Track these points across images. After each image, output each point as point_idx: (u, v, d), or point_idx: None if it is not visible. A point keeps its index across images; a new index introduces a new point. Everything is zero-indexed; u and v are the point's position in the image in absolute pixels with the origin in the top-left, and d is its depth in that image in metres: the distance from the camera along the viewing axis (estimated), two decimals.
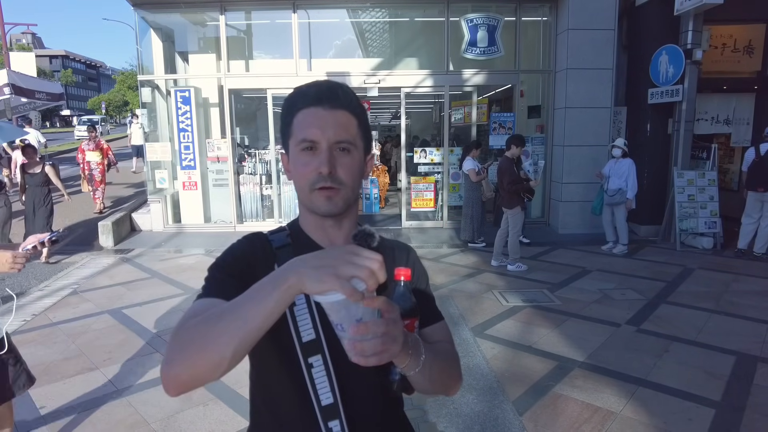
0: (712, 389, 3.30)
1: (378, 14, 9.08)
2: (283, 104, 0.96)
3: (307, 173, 0.91)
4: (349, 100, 0.93)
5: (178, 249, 7.42)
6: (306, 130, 0.90)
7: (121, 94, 56.45)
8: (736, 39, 8.29)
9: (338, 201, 0.93)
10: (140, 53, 8.72)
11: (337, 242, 1.00)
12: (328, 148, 0.89)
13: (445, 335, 1.05)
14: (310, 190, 0.92)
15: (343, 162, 0.91)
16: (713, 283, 5.59)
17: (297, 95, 0.93)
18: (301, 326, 0.90)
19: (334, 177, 0.90)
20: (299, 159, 0.92)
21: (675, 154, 7.53)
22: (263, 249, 0.97)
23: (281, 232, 1.02)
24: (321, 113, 0.90)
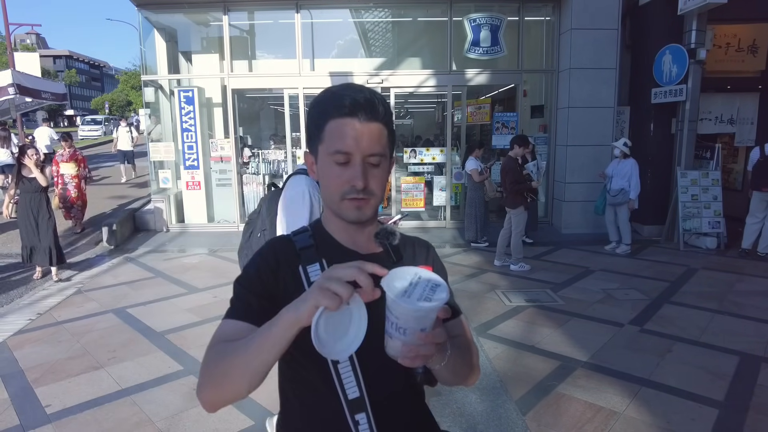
0: (716, 389, 3.30)
1: (381, 14, 9.08)
2: (314, 106, 0.97)
3: (339, 184, 0.94)
4: (384, 112, 0.95)
5: (181, 248, 7.44)
6: (340, 141, 0.92)
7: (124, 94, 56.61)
8: (740, 38, 8.25)
9: (368, 210, 0.97)
10: (144, 53, 8.76)
11: (360, 242, 1.03)
12: (362, 161, 0.92)
13: (464, 329, 1.08)
14: (340, 199, 0.95)
15: (375, 174, 0.94)
16: (717, 284, 5.58)
17: (331, 102, 0.94)
18: (345, 380, 0.93)
19: (366, 189, 0.93)
20: (331, 168, 0.94)
21: (678, 154, 7.52)
22: (286, 252, 0.99)
23: (304, 232, 1.04)
24: (356, 126, 0.91)
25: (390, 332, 0.75)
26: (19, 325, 4.57)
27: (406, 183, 8.57)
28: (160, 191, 8.53)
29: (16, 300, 5.36)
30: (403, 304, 0.70)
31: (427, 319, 0.73)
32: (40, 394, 3.32)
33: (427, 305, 0.70)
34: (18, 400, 3.26)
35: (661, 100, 7.58)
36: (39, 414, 3.09)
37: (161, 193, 8.51)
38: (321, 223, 1.06)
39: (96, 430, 2.92)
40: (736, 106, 8.38)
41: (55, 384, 3.46)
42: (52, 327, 4.51)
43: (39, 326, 4.54)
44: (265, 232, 2.43)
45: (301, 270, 0.97)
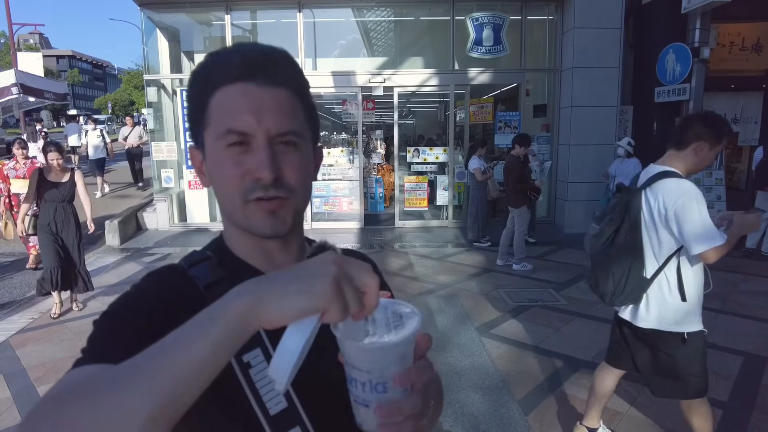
0: (720, 389, 3.28)
1: (383, 13, 9.08)
2: (191, 79, 0.69)
3: (236, 178, 0.64)
4: (293, 73, 0.68)
5: (184, 248, 7.45)
6: (233, 117, 0.63)
7: (127, 94, 56.86)
8: (744, 37, 8.22)
9: (287, 216, 0.67)
10: (146, 53, 8.77)
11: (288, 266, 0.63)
12: (268, 142, 0.63)
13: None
14: (243, 202, 0.65)
15: (291, 161, 0.65)
16: (720, 283, 5.52)
17: (214, 65, 0.66)
18: (263, 393, 0.63)
19: (280, 183, 0.64)
20: (224, 159, 0.65)
21: None
22: (182, 291, 0.66)
23: (204, 261, 0.71)
24: (254, 92, 0.63)
25: (362, 399, 0.52)
26: (21, 324, 4.59)
27: (409, 182, 8.56)
28: (163, 190, 8.54)
29: (19, 299, 5.37)
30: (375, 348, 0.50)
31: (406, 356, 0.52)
32: (42, 393, 3.32)
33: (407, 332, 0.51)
34: (20, 399, 3.27)
35: (664, 99, 7.55)
36: None
37: (164, 192, 8.52)
38: (223, 243, 0.75)
39: None
40: (740, 105, 8.35)
41: None
42: (55, 326, 4.52)
43: (41, 325, 4.55)
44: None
45: None
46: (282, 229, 0.67)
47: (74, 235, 4.81)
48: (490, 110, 8.74)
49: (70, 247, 4.77)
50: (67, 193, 4.74)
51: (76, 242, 4.83)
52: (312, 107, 0.72)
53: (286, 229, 0.68)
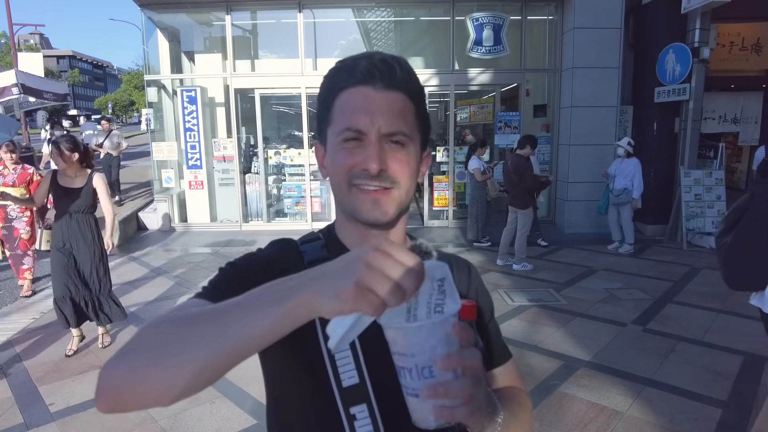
0: (719, 389, 3.28)
1: (383, 14, 9.08)
2: (322, 83, 0.77)
3: (347, 167, 0.71)
4: (408, 79, 0.73)
5: (184, 248, 7.46)
6: (351, 116, 0.71)
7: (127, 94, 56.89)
8: (744, 37, 8.24)
9: (389, 206, 0.72)
10: (146, 53, 8.78)
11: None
12: (378, 140, 0.70)
13: (515, 377, 0.87)
14: (349, 187, 0.72)
15: (397, 157, 0.72)
16: (720, 283, 5.48)
17: (340, 71, 0.74)
18: (340, 365, 0.70)
19: (384, 175, 0.71)
20: (340, 151, 0.72)
21: (682, 153, 7.49)
22: (293, 261, 0.76)
23: (315, 241, 0.81)
24: (371, 95, 0.70)
25: (411, 388, 0.52)
26: (22, 324, 4.60)
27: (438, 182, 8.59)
28: (163, 191, 8.55)
29: (20, 299, 5.38)
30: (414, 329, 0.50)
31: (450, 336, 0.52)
32: (43, 393, 3.33)
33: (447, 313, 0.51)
34: (21, 399, 3.28)
35: (664, 99, 7.56)
36: (42, 412, 3.10)
37: (164, 192, 8.53)
38: (333, 229, 0.83)
39: (99, 428, 2.93)
40: (740, 105, 8.36)
41: (59, 382, 3.47)
42: (56, 326, 4.52)
43: (42, 325, 4.56)
44: None
45: None
46: (383, 217, 0.72)
47: (93, 255, 3.84)
48: (490, 110, 8.75)
49: (88, 272, 3.85)
50: (83, 203, 3.81)
51: (95, 264, 3.87)
52: (424, 113, 0.78)
53: (386, 218, 0.73)
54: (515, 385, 0.88)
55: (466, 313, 0.66)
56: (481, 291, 0.88)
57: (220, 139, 8.55)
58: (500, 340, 0.89)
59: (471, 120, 8.87)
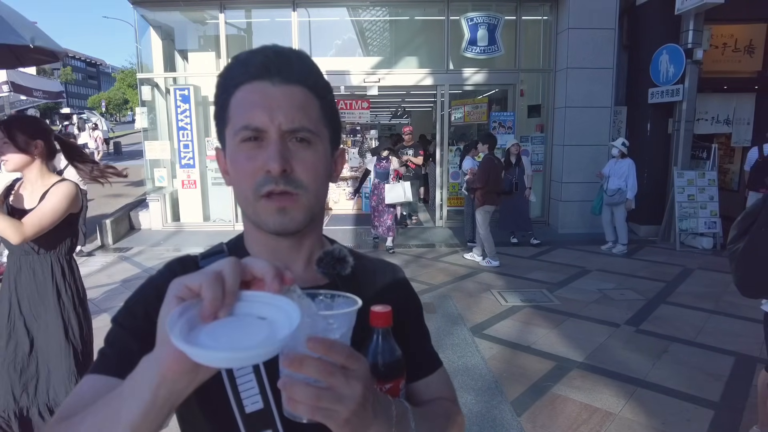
0: (711, 390, 3.29)
1: (378, 13, 9.06)
2: (217, 81, 0.71)
3: (249, 173, 0.66)
4: (308, 72, 0.68)
5: (177, 247, 7.40)
6: (247, 113, 0.65)
7: (121, 93, 56.52)
8: (737, 38, 8.25)
9: (296, 213, 0.67)
10: (140, 51, 8.71)
11: (296, 270, 0.73)
12: (280, 137, 0.65)
13: (444, 389, 0.81)
14: (254, 198, 0.66)
15: (302, 157, 0.66)
16: (713, 284, 5.58)
17: (234, 66, 0.68)
18: (242, 390, 0.66)
19: (290, 178, 0.65)
20: (239, 154, 0.67)
21: (675, 154, 7.52)
22: None
23: (217, 255, 0.76)
24: (269, 90, 0.65)
25: (283, 377, 0.51)
26: None
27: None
28: (156, 190, 8.49)
29: None
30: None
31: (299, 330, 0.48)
32: None
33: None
34: None
35: (658, 99, 7.58)
36: None
37: (156, 191, 8.47)
38: (241, 239, 0.78)
39: None
40: (733, 106, 8.39)
41: None
42: None
43: None
44: None
45: None
46: (291, 226, 0.67)
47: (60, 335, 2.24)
48: (484, 110, 8.75)
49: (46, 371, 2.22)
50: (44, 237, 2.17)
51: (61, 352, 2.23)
52: (331, 107, 0.72)
53: (295, 227, 0.68)
54: (444, 396, 0.80)
55: (380, 320, 0.62)
56: (406, 296, 0.82)
57: (213, 138, 8.49)
58: (427, 348, 0.83)
59: (465, 120, 8.87)
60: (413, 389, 0.77)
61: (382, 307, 0.63)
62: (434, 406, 0.76)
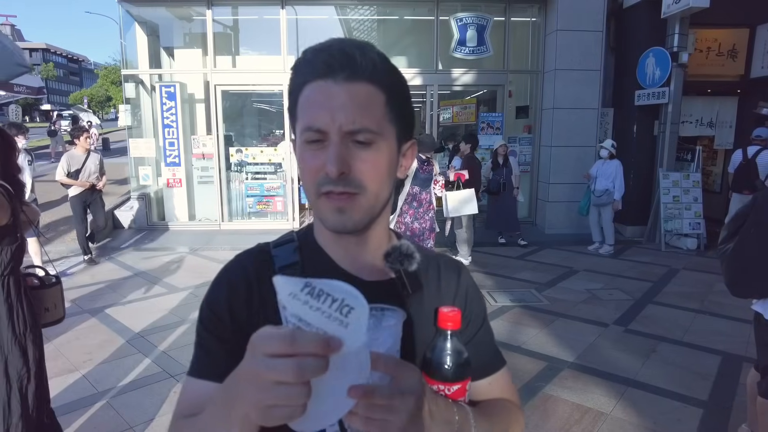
0: (700, 389, 3.32)
1: (367, 12, 9.03)
2: (291, 74, 0.71)
3: (312, 171, 0.67)
4: (373, 67, 0.66)
5: (161, 247, 7.28)
6: (311, 114, 0.65)
7: (104, 89, 55.55)
8: (721, 43, 8.40)
9: (354, 213, 0.67)
10: (124, 47, 8.56)
11: (362, 262, 0.75)
12: (340, 139, 0.64)
13: (506, 389, 0.82)
14: (315, 195, 0.68)
15: (364, 157, 0.65)
16: (698, 284, 5.65)
17: (303, 62, 0.68)
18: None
19: (348, 179, 0.65)
20: (304, 152, 0.68)
21: (660, 156, 7.61)
22: (260, 272, 0.73)
23: (288, 243, 0.77)
24: (332, 89, 0.64)
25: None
26: None
27: None
28: (140, 188, 8.34)
29: None
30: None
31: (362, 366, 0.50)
32: None
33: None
34: None
35: (644, 102, 7.67)
36: None
37: (141, 190, 8.32)
38: (311, 229, 0.79)
39: None
40: (716, 109, 8.54)
41: None
42: None
43: None
44: None
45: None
46: (349, 225, 0.68)
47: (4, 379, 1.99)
48: (473, 111, 8.76)
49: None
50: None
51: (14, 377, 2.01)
52: (400, 101, 0.70)
53: (353, 226, 0.68)
54: (506, 397, 0.81)
55: (449, 321, 0.63)
56: (471, 295, 0.81)
57: (199, 136, 8.38)
58: (491, 348, 0.83)
59: (454, 120, 8.87)
60: (476, 387, 0.78)
61: (451, 308, 0.64)
62: (495, 406, 0.77)
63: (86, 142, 6.18)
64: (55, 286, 2.23)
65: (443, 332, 0.64)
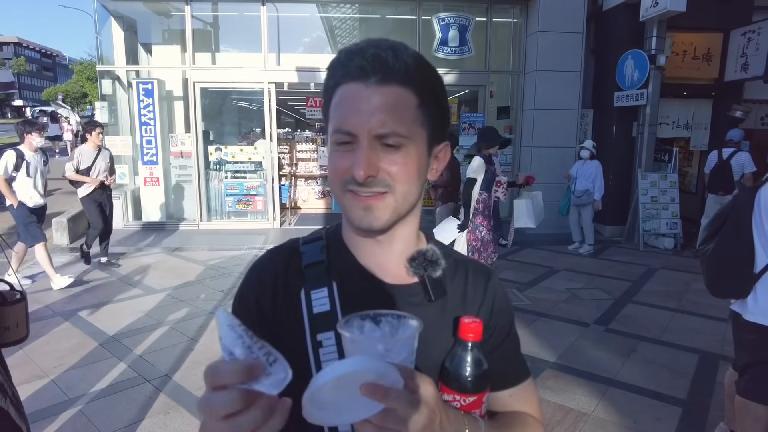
0: (678, 388, 3.36)
1: (349, 10, 8.96)
2: (326, 73, 0.71)
3: (339, 172, 0.67)
4: (406, 70, 0.66)
5: (138, 247, 7.11)
6: (341, 116, 0.66)
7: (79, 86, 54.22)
8: (696, 46, 8.56)
9: (381, 212, 0.67)
10: (99, 42, 8.34)
11: (388, 266, 0.74)
12: (369, 142, 0.64)
13: (528, 402, 0.79)
14: (342, 191, 0.68)
15: (392, 160, 0.65)
16: (675, 283, 5.74)
17: (336, 63, 0.68)
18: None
19: (375, 182, 0.65)
20: (333, 153, 0.68)
21: (639, 157, 7.73)
22: (287, 268, 0.75)
23: (316, 242, 0.78)
24: (363, 93, 0.64)
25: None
26: None
27: None
28: (116, 187, 8.12)
29: None
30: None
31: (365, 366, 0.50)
32: None
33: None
34: None
35: (623, 103, 7.77)
36: None
37: (117, 189, 8.10)
38: (339, 228, 0.80)
39: None
40: (692, 111, 8.70)
41: None
42: None
43: None
44: None
45: (303, 296, 0.71)
46: (376, 224, 0.67)
47: None
48: (454, 111, 8.77)
49: None
50: None
51: None
52: (434, 103, 0.70)
53: (380, 226, 0.68)
54: (526, 411, 0.79)
55: (470, 333, 0.62)
56: (498, 304, 0.79)
57: (177, 134, 8.21)
58: (516, 359, 0.81)
59: None
60: (496, 398, 0.77)
61: (472, 319, 0.63)
62: (513, 419, 0.76)
63: (98, 138, 5.89)
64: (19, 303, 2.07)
65: (464, 343, 0.64)
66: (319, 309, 0.70)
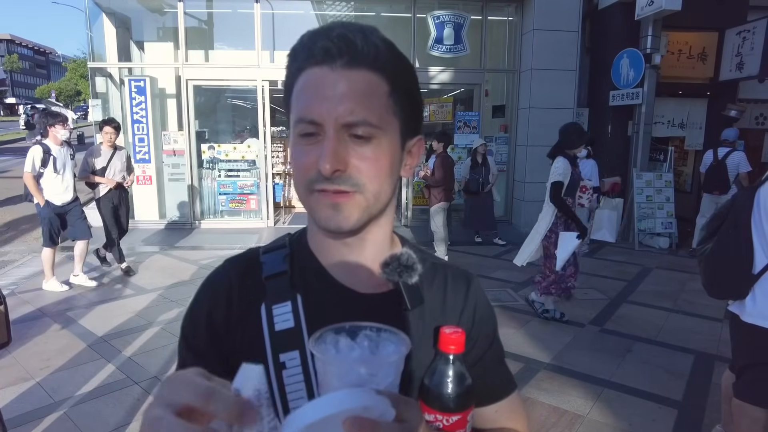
0: (674, 389, 3.33)
1: (344, 8, 8.90)
2: (286, 62, 0.65)
3: (303, 168, 0.60)
4: (376, 53, 0.59)
5: (129, 246, 7.02)
6: (304, 104, 0.59)
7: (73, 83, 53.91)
8: (692, 46, 8.54)
9: (350, 211, 0.60)
10: (91, 39, 8.24)
11: (358, 271, 0.67)
12: (336, 132, 0.57)
13: (514, 417, 0.75)
14: (307, 192, 0.61)
15: (362, 153, 0.59)
16: (670, 282, 5.72)
17: (298, 48, 0.62)
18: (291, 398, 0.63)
19: (344, 176, 0.58)
20: (296, 147, 0.61)
21: (634, 156, 7.70)
22: (244, 280, 0.68)
23: (278, 250, 0.70)
24: (329, 77, 0.58)
25: None
26: None
27: None
28: None
29: None
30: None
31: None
32: None
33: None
34: None
35: (618, 102, 7.75)
36: None
37: None
38: (304, 233, 0.73)
39: None
40: (687, 110, 8.69)
41: None
42: None
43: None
44: None
45: (264, 311, 0.64)
46: (345, 224, 0.61)
47: None
48: (449, 110, 8.73)
49: None
50: None
51: None
52: (405, 92, 0.63)
53: (349, 226, 0.61)
54: (514, 426, 0.74)
55: (451, 344, 0.55)
56: (480, 311, 0.73)
57: (170, 132, 8.13)
58: (500, 370, 0.75)
59: (430, 119, 8.81)
60: (481, 414, 0.72)
61: (453, 329, 0.56)
62: None
63: (109, 136, 5.50)
64: None
65: (445, 356, 0.56)
66: (282, 326, 0.63)
